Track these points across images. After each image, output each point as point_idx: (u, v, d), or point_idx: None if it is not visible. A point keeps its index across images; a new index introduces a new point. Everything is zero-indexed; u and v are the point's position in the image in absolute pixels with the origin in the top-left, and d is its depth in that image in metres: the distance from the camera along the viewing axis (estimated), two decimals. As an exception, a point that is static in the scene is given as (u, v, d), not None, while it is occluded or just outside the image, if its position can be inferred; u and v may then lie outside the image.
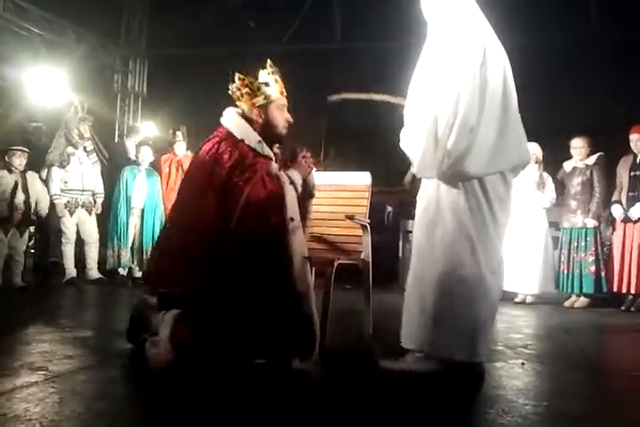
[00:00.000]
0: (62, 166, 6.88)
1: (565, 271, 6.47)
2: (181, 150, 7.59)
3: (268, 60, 3.39)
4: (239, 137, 3.25)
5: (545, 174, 6.76)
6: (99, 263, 7.11)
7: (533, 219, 6.61)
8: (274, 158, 3.32)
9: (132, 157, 7.70)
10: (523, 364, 3.41)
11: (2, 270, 6.15)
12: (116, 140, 10.76)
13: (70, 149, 6.91)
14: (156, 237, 7.00)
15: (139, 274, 7.03)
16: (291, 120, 3.41)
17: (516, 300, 6.55)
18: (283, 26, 10.75)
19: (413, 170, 3.17)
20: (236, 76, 3.36)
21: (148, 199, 7.19)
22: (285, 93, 3.42)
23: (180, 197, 3.43)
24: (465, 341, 2.96)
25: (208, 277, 3.09)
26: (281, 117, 3.37)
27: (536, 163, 6.70)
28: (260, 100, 3.32)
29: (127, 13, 11.68)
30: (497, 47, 3.08)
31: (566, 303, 6.41)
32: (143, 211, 7.20)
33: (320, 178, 4.48)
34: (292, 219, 3.12)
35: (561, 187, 6.81)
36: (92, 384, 2.78)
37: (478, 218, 2.99)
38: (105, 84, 11.57)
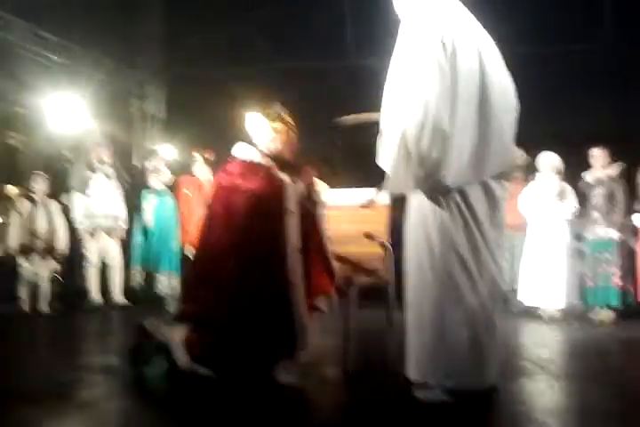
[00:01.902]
0: (83, 192, 6.95)
1: (590, 284, 6.39)
2: (200, 172, 7.63)
3: (276, 103, 3.56)
4: (244, 158, 3.45)
5: (565, 185, 6.69)
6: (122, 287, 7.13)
7: (555, 230, 6.54)
8: (276, 167, 3.43)
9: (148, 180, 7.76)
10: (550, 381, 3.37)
11: (27, 297, 6.20)
12: (136, 164, 10.85)
13: (91, 175, 6.99)
14: (168, 258, 7.06)
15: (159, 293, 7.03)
16: (296, 149, 3.56)
17: (542, 314, 6.47)
18: (296, 44, 10.82)
19: (386, 186, 2.92)
20: (247, 114, 3.54)
21: (158, 221, 7.22)
22: (294, 129, 3.56)
23: (203, 221, 3.55)
24: (468, 367, 2.77)
25: (222, 292, 3.17)
26: (286, 150, 3.52)
27: (556, 173, 6.64)
28: (267, 133, 3.48)
29: (143, 38, 11.83)
30: (473, 39, 2.80)
31: (592, 317, 6.33)
32: (155, 232, 7.22)
33: (339, 196, 4.50)
34: (291, 211, 3.26)
35: (582, 198, 6.74)
36: (118, 411, 2.79)
37: (466, 235, 2.76)
38: (123, 108, 11.70)
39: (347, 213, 4.24)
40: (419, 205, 2.89)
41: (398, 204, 3.40)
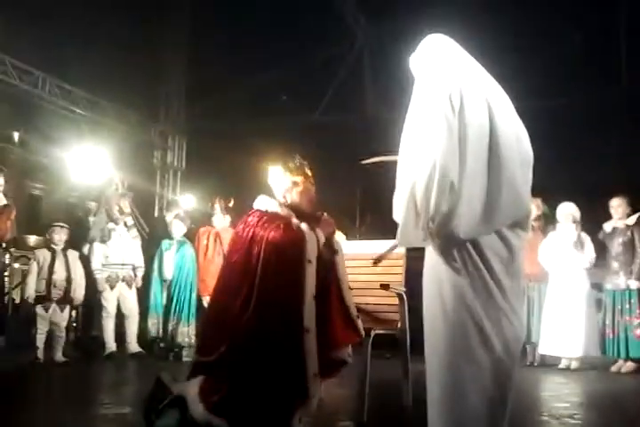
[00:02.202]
0: (103, 242, 7.04)
1: (611, 335, 6.29)
2: (219, 223, 7.69)
3: (297, 155, 3.64)
4: (263, 209, 3.50)
5: (583, 234, 6.67)
6: (138, 336, 7.13)
7: (574, 280, 6.50)
8: (295, 216, 3.47)
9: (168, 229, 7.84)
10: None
11: (44, 346, 6.22)
12: (156, 215, 10.99)
13: (111, 225, 7.08)
14: (185, 308, 7.08)
15: (177, 346, 7.03)
16: (313, 203, 3.59)
17: (561, 366, 6.37)
18: (316, 98, 11.04)
19: (397, 240, 2.88)
20: (269, 168, 3.63)
21: (177, 271, 7.26)
22: (312, 181, 3.62)
23: (221, 269, 3.61)
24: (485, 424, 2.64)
25: (236, 335, 3.17)
26: (304, 200, 3.56)
27: (574, 222, 6.64)
28: (285, 184, 3.55)
29: (165, 92, 12.15)
30: (482, 92, 2.79)
31: (613, 368, 6.20)
32: (175, 282, 7.25)
33: (355, 247, 4.51)
34: (309, 261, 3.25)
35: (602, 248, 6.71)
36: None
37: (480, 288, 2.68)
38: (145, 160, 11.96)
39: (362, 264, 4.24)
40: (431, 259, 2.86)
41: (413, 253, 3.40)
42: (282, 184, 3.55)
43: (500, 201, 2.69)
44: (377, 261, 3.52)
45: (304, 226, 3.36)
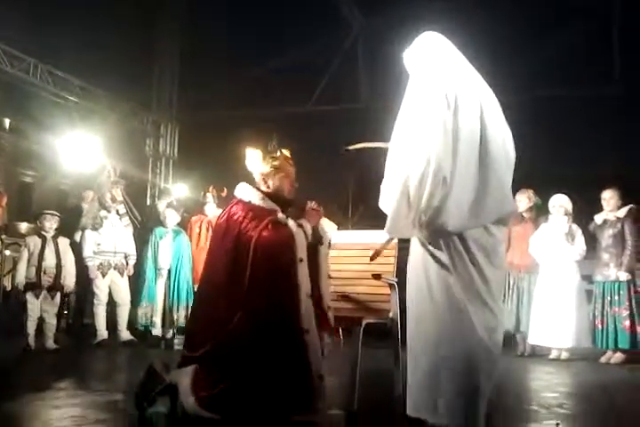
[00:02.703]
0: (95, 229, 7.02)
1: (600, 326, 6.34)
2: (211, 211, 7.70)
3: (274, 135, 3.61)
4: (246, 200, 3.44)
5: (574, 226, 6.71)
6: (130, 324, 7.14)
7: (564, 272, 6.54)
8: (280, 210, 3.43)
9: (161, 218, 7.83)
10: (557, 424, 3.32)
11: (35, 333, 6.22)
12: (148, 203, 10.97)
13: (103, 213, 7.07)
14: (183, 297, 7.11)
15: (169, 335, 7.06)
16: (295, 185, 3.55)
17: (551, 356, 6.42)
18: (309, 89, 11.02)
19: (387, 230, 3.01)
20: (246, 151, 3.56)
21: (175, 260, 7.27)
22: (291, 162, 3.58)
23: (205, 262, 3.57)
24: (457, 408, 2.79)
25: (225, 333, 3.14)
26: (286, 184, 3.52)
27: (565, 214, 6.68)
28: (266, 169, 3.51)
29: (158, 80, 12.10)
30: (475, 95, 2.93)
31: (602, 359, 6.25)
32: (170, 271, 7.26)
33: (346, 237, 4.52)
34: (300, 259, 3.23)
35: (592, 239, 6.75)
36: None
37: (465, 279, 2.82)
38: (137, 148, 11.93)
39: (354, 254, 4.26)
40: (418, 250, 2.97)
41: (404, 244, 3.43)
42: (262, 169, 3.51)
43: (488, 199, 2.84)
44: (373, 256, 3.52)
45: (291, 223, 3.32)
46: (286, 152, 3.59)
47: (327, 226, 5.00)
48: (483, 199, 2.83)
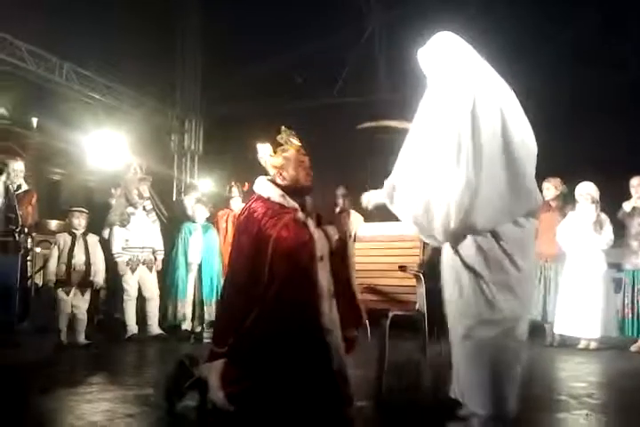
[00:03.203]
0: (123, 225, 7.09)
1: (630, 315, 6.27)
2: (237, 205, 7.73)
3: (282, 127, 3.60)
4: (265, 196, 3.45)
5: (603, 215, 6.62)
6: (159, 319, 7.22)
7: (591, 260, 6.47)
8: (299, 209, 3.44)
9: (190, 214, 7.88)
10: (587, 415, 3.30)
11: (66, 329, 6.32)
12: (175, 199, 11.05)
13: (130, 209, 7.13)
14: (212, 291, 7.16)
15: (199, 329, 7.12)
16: (310, 173, 3.54)
17: (580, 346, 6.37)
18: (331, 80, 11.01)
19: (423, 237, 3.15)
20: (257, 146, 3.58)
21: (205, 255, 7.32)
22: (303, 151, 3.57)
23: (228, 258, 3.61)
24: (489, 397, 2.86)
25: (244, 329, 3.16)
26: (301, 172, 3.51)
27: (593, 203, 6.58)
28: (278, 161, 3.50)
29: (181, 76, 12.16)
30: (495, 94, 2.99)
31: (632, 348, 6.19)
32: (200, 266, 7.32)
33: (372, 229, 4.52)
34: (321, 258, 3.24)
35: (621, 227, 6.66)
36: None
37: (495, 267, 2.91)
38: (162, 144, 12.01)
39: (380, 246, 4.26)
40: (449, 250, 3.03)
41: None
42: (274, 162, 3.51)
43: (515, 195, 2.93)
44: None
45: (310, 223, 3.32)
46: (297, 142, 3.58)
47: (354, 218, 5.00)
48: (511, 196, 2.91)
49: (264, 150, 3.55)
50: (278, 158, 3.51)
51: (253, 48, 10.98)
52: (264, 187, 3.50)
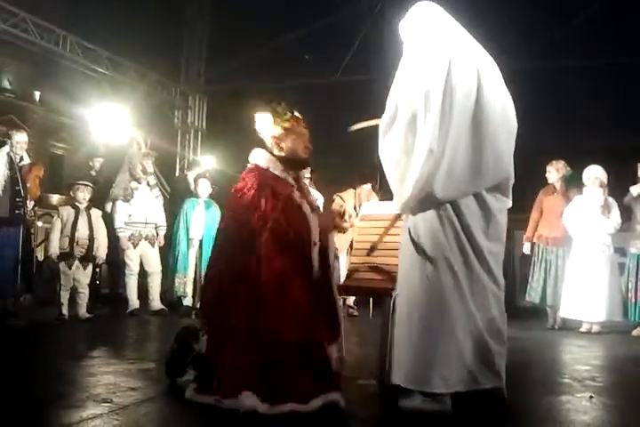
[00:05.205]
0: (126, 200, 7.07)
1: (633, 299, 6.26)
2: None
3: (282, 102, 3.49)
4: (264, 166, 3.37)
5: (610, 199, 6.58)
6: (161, 294, 7.23)
7: (598, 244, 6.45)
8: (296, 186, 3.37)
9: (193, 189, 7.85)
10: (591, 397, 3.30)
11: (68, 302, 6.33)
12: (178, 174, 11.01)
13: (134, 184, 7.10)
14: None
15: (199, 304, 7.13)
16: (309, 146, 3.47)
17: (582, 329, 6.37)
18: (337, 59, 10.90)
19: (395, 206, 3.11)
20: (256, 115, 3.48)
21: (207, 230, 7.29)
22: (303, 124, 3.51)
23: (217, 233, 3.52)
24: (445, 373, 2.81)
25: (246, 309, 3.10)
26: (300, 144, 3.44)
27: (600, 187, 6.53)
28: (277, 131, 3.42)
29: (186, 52, 12.05)
30: (471, 61, 2.93)
31: (634, 332, 6.19)
32: (202, 242, 7.30)
33: (376, 208, 4.48)
34: (314, 243, 3.20)
35: (628, 212, 6.62)
36: (155, 417, 2.82)
37: (457, 247, 2.86)
38: (166, 120, 11.93)
39: (384, 225, 4.22)
40: (412, 218, 3.00)
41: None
42: (273, 132, 3.42)
43: (481, 166, 2.86)
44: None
45: (306, 207, 3.27)
46: (296, 113, 3.51)
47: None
48: (476, 165, 2.84)
49: (263, 120, 3.46)
50: (277, 128, 3.43)
51: (260, 25, 10.89)
52: (262, 156, 3.41)
